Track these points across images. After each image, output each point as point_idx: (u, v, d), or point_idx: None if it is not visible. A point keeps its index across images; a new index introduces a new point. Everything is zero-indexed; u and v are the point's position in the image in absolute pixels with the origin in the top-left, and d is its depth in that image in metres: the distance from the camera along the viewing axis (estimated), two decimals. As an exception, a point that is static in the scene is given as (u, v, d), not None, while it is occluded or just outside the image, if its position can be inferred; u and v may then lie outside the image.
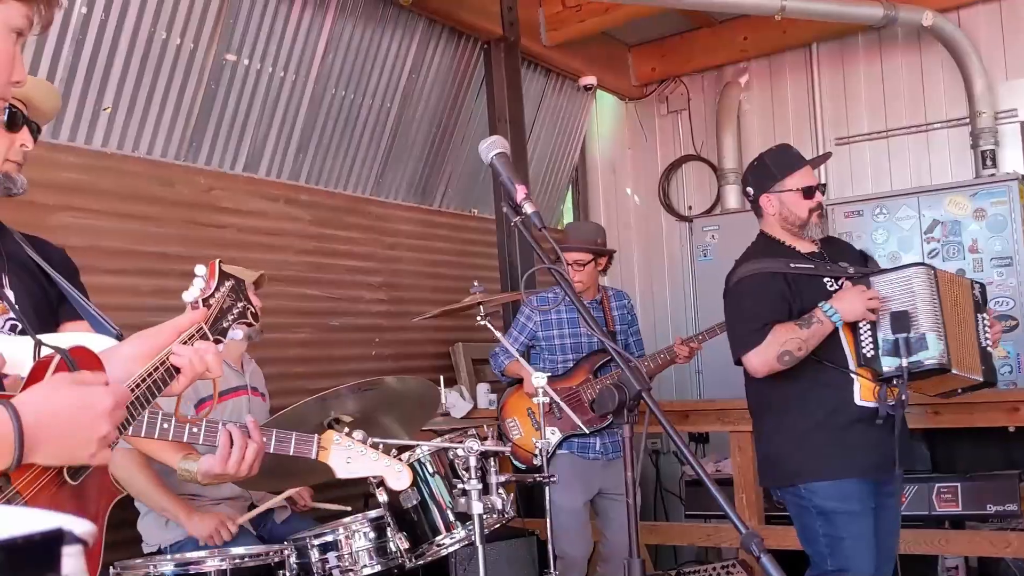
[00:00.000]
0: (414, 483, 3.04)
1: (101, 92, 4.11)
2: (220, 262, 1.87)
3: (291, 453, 2.40)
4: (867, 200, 5.95)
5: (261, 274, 3.51)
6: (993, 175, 5.71)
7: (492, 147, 2.16)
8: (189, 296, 1.80)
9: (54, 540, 0.70)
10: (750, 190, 3.41)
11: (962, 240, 5.60)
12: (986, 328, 3.27)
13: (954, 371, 3.11)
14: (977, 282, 3.36)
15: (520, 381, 4.35)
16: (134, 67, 4.18)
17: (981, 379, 3.23)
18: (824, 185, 3.44)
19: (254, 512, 3.43)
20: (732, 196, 6.64)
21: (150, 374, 1.60)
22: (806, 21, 5.99)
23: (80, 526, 0.73)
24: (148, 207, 4.29)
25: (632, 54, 7.12)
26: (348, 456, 2.41)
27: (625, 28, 6.60)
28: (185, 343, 1.68)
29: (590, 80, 6.71)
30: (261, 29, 4.65)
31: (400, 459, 2.50)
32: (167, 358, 1.64)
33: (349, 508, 3.66)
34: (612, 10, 5.96)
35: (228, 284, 1.87)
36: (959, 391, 3.36)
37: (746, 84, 6.79)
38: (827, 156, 3.80)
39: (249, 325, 1.92)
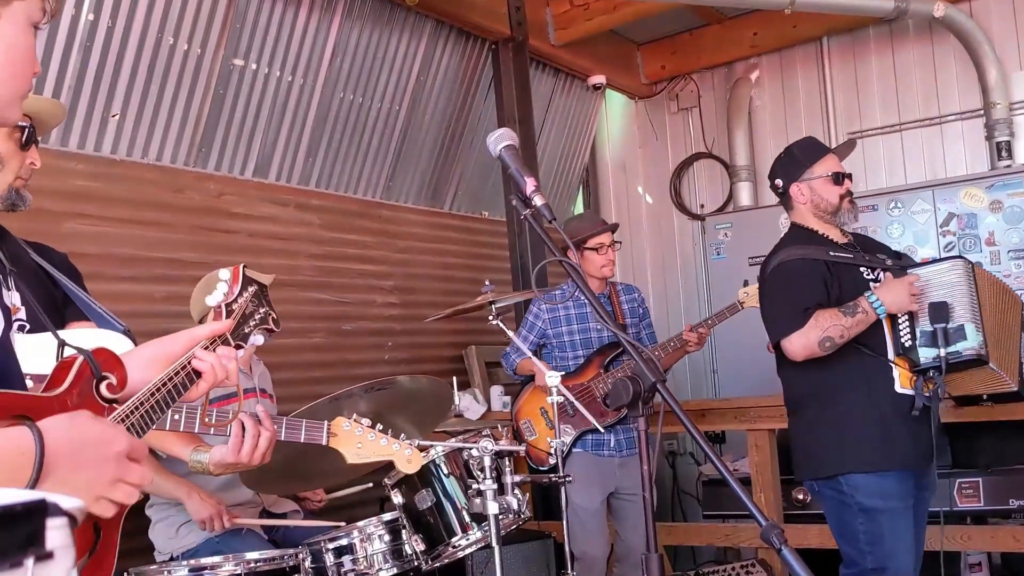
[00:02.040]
0: (429, 484, 3.02)
1: (109, 99, 4.10)
2: (244, 267, 1.85)
3: (302, 440, 2.41)
4: (881, 194, 5.90)
5: (274, 278, 3.50)
6: (1009, 166, 5.64)
7: (500, 139, 2.13)
8: (212, 300, 1.80)
9: (37, 512, 0.67)
10: (779, 181, 3.42)
11: (979, 233, 5.54)
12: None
13: (991, 365, 3.09)
14: None
15: (533, 378, 4.32)
16: (142, 73, 4.17)
17: (1015, 387, 3.23)
18: (851, 175, 3.42)
19: (265, 522, 3.40)
20: (744, 193, 6.59)
21: (171, 378, 1.60)
22: (816, 15, 5.95)
23: (67, 501, 0.70)
24: (158, 213, 4.28)
25: (641, 52, 7.09)
26: (358, 442, 2.41)
27: (633, 26, 6.56)
28: (206, 348, 1.67)
29: (599, 79, 6.68)
30: (268, 33, 4.64)
31: (410, 443, 2.48)
32: (188, 362, 1.63)
33: (370, 484, 3.62)
34: (620, 8, 5.93)
35: (251, 289, 1.85)
36: (984, 398, 3.33)
37: (757, 80, 6.74)
38: (852, 144, 3.76)
39: (271, 331, 1.90)
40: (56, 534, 0.69)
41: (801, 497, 4.69)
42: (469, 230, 6.13)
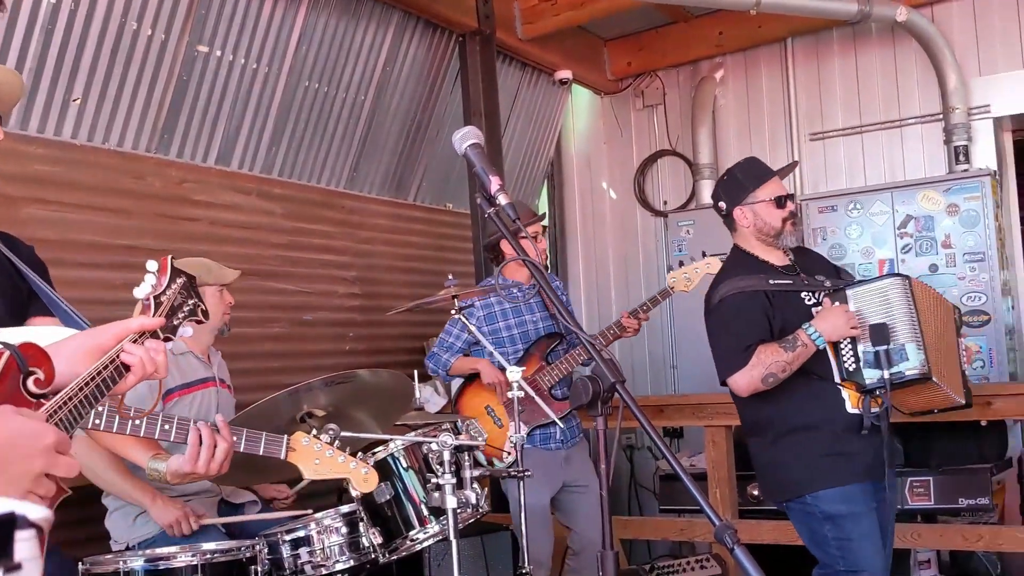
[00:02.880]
0: (388, 478, 3.03)
1: (71, 83, 4.05)
2: (172, 258, 1.87)
3: (260, 453, 2.41)
4: (841, 195, 5.97)
5: (240, 273, 3.53)
6: (966, 171, 5.74)
7: (466, 138, 2.14)
8: (140, 292, 1.80)
9: (5, 525, 0.67)
10: (723, 204, 3.46)
11: (935, 235, 5.63)
12: (963, 351, 3.34)
13: (934, 379, 3.15)
14: (955, 306, 3.46)
15: (470, 378, 4.32)
16: (104, 58, 4.12)
17: (964, 401, 3.31)
18: (793, 195, 3.47)
19: (229, 519, 3.39)
20: (707, 191, 6.64)
21: (100, 372, 1.58)
22: (781, 16, 6.00)
23: (34, 511, 0.71)
24: (119, 200, 4.24)
25: (608, 48, 7.12)
26: (316, 458, 2.43)
27: (601, 22, 6.58)
28: (135, 341, 1.66)
29: (565, 74, 6.70)
30: (233, 20, 4.60)
31: (367, 462, 2.51)
32: (117, 356, 1.62)
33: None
34: (588, 4, 5.95)
35: (179, 281, 1.87)
36: (935, 412, 3.40)
37: (721, 79, 6.79)
38: (794, 165, 3.83)
39: (199, 322, 1.92)
40: (24, 546, 0.69)
41: (756, 493, 4.74)
42: (433, 222, 6.13)
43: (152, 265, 1.82)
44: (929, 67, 5.96)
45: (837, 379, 3.23)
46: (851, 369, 3.20)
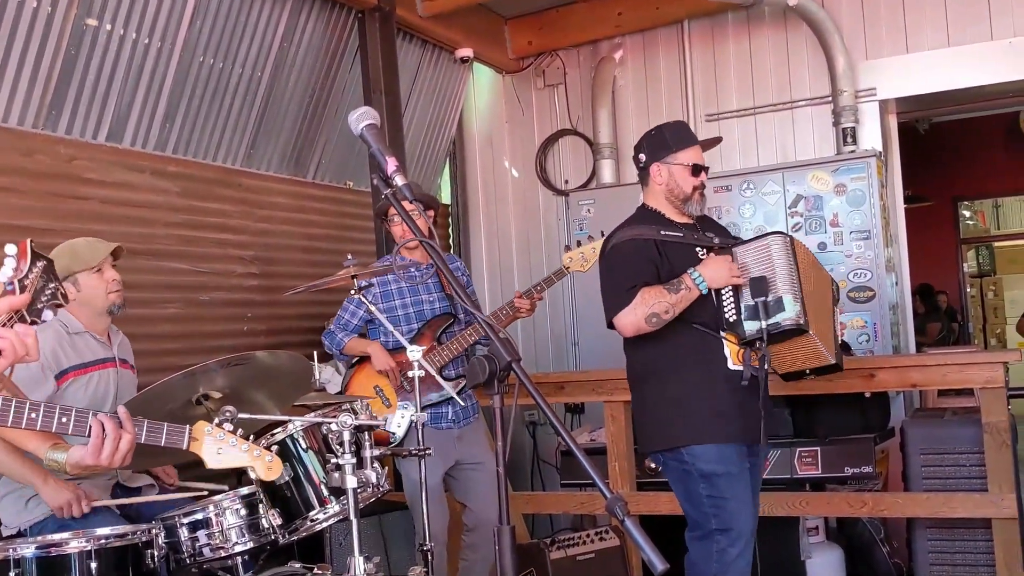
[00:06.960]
0: (287, 459, 3.02)
1: (-50, 56, 3.90)
2: (32, 242, 1.85)
3: (162, 444, 2.39)
4: (735, 175, 6.12)
5: (118, 246, 3.45)
6: (853, 152, 5.93)
7: (362, 118, 2.14)
8: (1, 276, 1.77)
9: None
10: (643, 156, 3.55)
11: (824, 214, 5.82)
12: (838, 322, 3.51)
13: (811, 333, 3.29)
14: (834, 281, 3.65)
15: (362, 359, 4.32)
16: (-14, 30, 3.98)
17: (833, 361, 3.45)
18: (707, 168, 3.56)
19: (121, 501, 3.33)
20: (607, 171, 6.73)
21: None
22: (678, -2, 6.10)
23: None
24: (6, 178, 4.10)
25: (509, 27, 7.12)
26: (219, 447, 2.42)
27: (501, 0, 6.59)
28: (4, 324, 1.64)
29: (467, 52, 6.68)
30: (124, -7, 4.47)
31: (270, 451, 2.51)
32: None
33: (226, 487, 3.59)
34: (488, -18, 5.95)
35: (40, 265, 1.85)
36: (808, 372, 3.53)
37: (620, 59, 6.87)
38: (718, 140, 3.92)
39: (59, 306, 1.91)
40: None
41: (653, 466, 4.85)
42: (334, 200, 6.07)
43: (11, 249, 1.80)
44: (819, 51, 6.13)
45: (721, 332, 3.36)
46: (732, 320, 3.33)
